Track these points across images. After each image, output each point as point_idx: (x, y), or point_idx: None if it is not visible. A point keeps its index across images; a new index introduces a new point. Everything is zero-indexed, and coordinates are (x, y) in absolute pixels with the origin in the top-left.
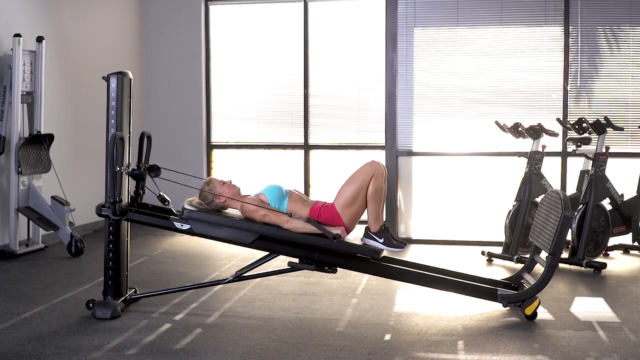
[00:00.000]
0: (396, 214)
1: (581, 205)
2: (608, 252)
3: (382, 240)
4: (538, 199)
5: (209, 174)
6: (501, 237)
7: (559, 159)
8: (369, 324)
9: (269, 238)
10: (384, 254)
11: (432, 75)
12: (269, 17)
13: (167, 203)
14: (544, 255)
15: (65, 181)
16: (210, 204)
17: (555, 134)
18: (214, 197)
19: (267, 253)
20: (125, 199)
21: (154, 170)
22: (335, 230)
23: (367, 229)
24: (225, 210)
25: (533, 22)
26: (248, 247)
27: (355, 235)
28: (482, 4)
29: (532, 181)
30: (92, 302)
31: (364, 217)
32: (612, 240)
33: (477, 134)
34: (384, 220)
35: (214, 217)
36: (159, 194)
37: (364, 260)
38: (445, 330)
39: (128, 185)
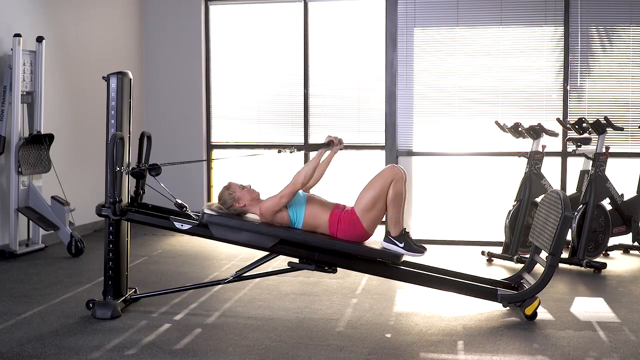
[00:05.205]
0: None
1: (581, 205)
2: (608, 252)
3: (402, 245)
4: (538, 199)
5: (209, 173)
6: (501, 237)
7: (559, 159)
8: (369, 324)
9: (289, 242)
10: (404, 258)
11: (432, 75)
12: (269, 17)
13: (184, 209)
14: (544, 255)
15: (65, 181)
16: (229, 208)
17: (555, 134)
18: (234, 202)
19: (267, 253)
20: (125, 199)
21: (155, 169)
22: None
23: (387, 233)
24: (246, 215)
25: (533, 22)
26: (268, 251)
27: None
28: (482, 4)
29: (532, 181)
30: (92, 302)
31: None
32: (612, 240)
33: (477, 134)
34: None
35: (234, 222)
36: (176, 201)
37: (364, 261)
38: (445, 330)
39: (128, 185)
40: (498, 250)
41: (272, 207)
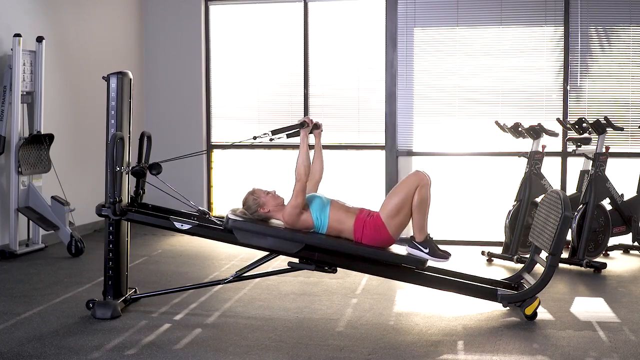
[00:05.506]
0: None
1: (581, 205)
2: (608, 252)
3: (427, 250)
4: (538, 199)
5: (209, 174)
6: (501, 237)
7: (559, 159)
8: (369, 324)
9: (314, 247)
10: (429, 263)
11: (432, 75)
12: (269, 17)
13: (207, 215)
14: (544, 255)
15: (65, 181)
16: (254, 214)
17: (555, 134)
18: (258, 207)
19: (267, 253)
20: (125, 199)
21: (155, 168)
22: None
23: (411, 238)
24: (270, 221)
25: (533, 22)
26: (293, 257)
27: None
28: (482, 4)
29: (532, 181)
30: (92, 302)
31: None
32: (612, 240)
33: (477, 134)
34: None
35: (259, 227)
36: (198, 208)
37: (365, 261)
38: (445, 330)
39: (128, 185)
40: (498, 250)
41: (292, 210)
